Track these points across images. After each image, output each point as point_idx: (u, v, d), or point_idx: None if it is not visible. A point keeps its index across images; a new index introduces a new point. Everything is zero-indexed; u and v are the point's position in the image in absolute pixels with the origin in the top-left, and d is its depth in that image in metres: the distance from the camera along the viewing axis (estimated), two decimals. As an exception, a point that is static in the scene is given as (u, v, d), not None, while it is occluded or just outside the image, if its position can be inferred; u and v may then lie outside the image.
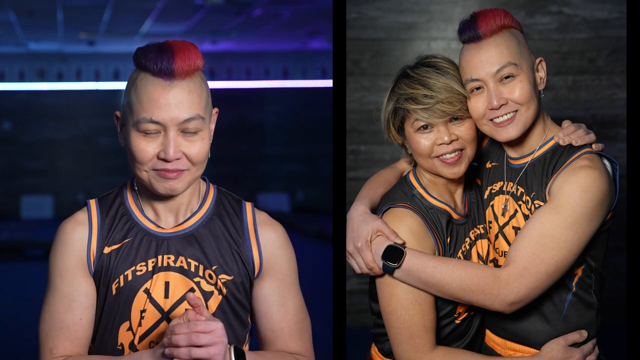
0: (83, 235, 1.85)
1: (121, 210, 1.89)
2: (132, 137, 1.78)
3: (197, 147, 1.78)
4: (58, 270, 1.84)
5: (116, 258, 1.84)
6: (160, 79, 1.75)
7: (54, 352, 1.81)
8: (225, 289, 1.86)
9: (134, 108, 1.77)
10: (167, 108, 1.74)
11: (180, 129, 1.76)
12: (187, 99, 1.76)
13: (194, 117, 1.76)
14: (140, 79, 1.78)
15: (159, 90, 1.75)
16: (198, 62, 1.77)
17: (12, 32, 10.74)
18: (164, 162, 1.76)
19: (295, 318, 1.93)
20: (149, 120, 1.75)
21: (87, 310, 1.83)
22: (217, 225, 1.89)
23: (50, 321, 1.82)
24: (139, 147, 1.77)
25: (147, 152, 1.77)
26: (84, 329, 1.83)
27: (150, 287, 1.83)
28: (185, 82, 1.76)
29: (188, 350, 1.66)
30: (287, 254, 1.93)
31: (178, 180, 1.79)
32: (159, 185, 1.79)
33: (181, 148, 1.76)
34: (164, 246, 1.85)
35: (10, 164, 13.47)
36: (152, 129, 1.75)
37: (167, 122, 1.75)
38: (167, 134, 1.75)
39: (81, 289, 1.83)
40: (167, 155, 1.75)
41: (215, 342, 1.68)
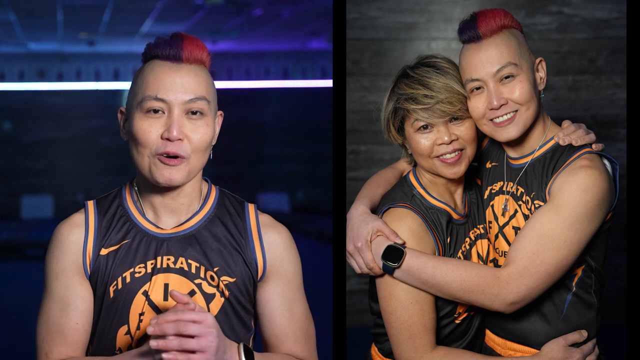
0: (79, 237, 1.82)
1: (120, 212, 1.86)
2: (136, 120, 1.77)
3: (201, 132, 1.77)
4: (54, 274, 1.81)
5: (114, 260, 1.81)
6: (168, 62, 1.78)
7: (50, 356, 1.79)
8: (227, 291, 1.82)
9: (139, 90, 1.78)
10: (173, 87, 1.75)
11: (185, 110, 1.76)
12: (193, 81, 1.77)
13: (199, 98, 1.77)
14: (148, 64, 1.80)
15: (166, 71, 1.77)
16: (204, 55, 1.80)
17: (12, 32, 10.74)
18: (166, 143, 1.74)
19: (300, 323, 1.89)
20: (154, 97, 1.75)
21: (83, 314, 1.80)
22: (219, 226, 1.86)
23: (46, 325, 1.80)
24: (142, 128, 1.76)
25: (150, 133, 1.75)
26: (80, 333, 1.80)
27: (149, 289, 1.79)
28: (193, 67, 1.79)
29: (179, 341, 1.61)
30: (292, 256, 1.90)
31: (177, 170, 1.76)
32: (159, 174, 1.75)
33: (184, 130, 1.76)
34: (164, 247, 1.82)
35: (10, 164, 13.48)
36: (156, 106, 1.75)
37: (172, 100, 1.75)
38: (172, 114, 1.75)
39: (77, 292, 1.80)
40: (170, 134, 1.73)
41: (205, 333, 1.63)
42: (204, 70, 1.81)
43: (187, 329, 1.62)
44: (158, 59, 1.79)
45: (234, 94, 13.55)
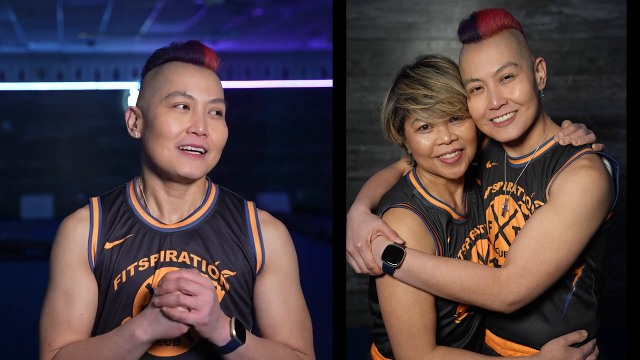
0: (84, 231, 1.87)
1: (123, 207, 1.91)
2: (160, 114, 1.84)
3: (220, 131, 1.87)
4: (59, 266, 1.86)
5: (118, 254, 1.86)
6: (191, 64, 1.88)
7: (52, 345, 1.83)
8: (228, 284, 1.88)
9: (163, 87, 1.86)
10: (199, 87, 1.85)
11: (208, 109, 1.86)
12: (214, 84, 1.88)
13: (220, 99, 1.88)
14: (168, 65, 1.89)
15: (191, 71, 1.87)
16: (218, 63, 1.92)
17: (12, 32, 10.75)
18: (192, 137, 1.83)
19: (295, 316, 1.93)
20: (182, 93, 1.84)
21: (88, 305, 1.85)
22: (220, 222, 1.92)
23: (50, 316, 1.84)
24: (167, 121, 1.83)
25: (175, 126, 1.83)
26: (85, 324, 1.85)
27: (152, 282, 1.84)
28: (212, 72, 1.90)
29: (176, 297, 1.69)
30: (289, 252, 1.95)
31: (198, 164, 1.84)
32: (181, 166, 1.83)
33: (208, 127, 1.85)
34: (167, 242, 1.88)
35: (10, 164, 13.48)
36: (184, 102, 1.84)
37: (198, 98, 1.85)
38: (197, 110, 1.84)
39: (82, 284, 1.85)
40: (197, 129, 1.82)
41: (203, 292, 1.70)
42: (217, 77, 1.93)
43: (187, 285, 1.70)
44: (180, 61, 1.88)
45: (234, 94, 13.55)
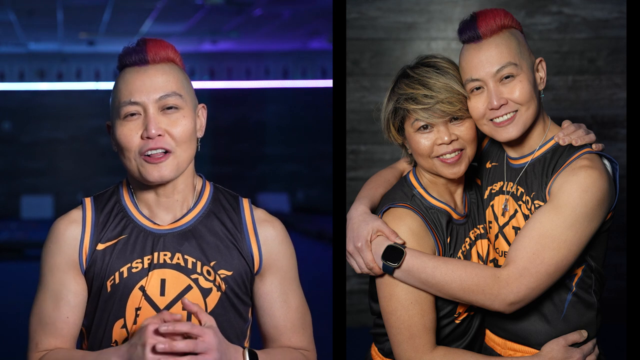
0: (76, 233, 1.87)
1: (117, 208, 1.90)
2: (117, 128, 1.84)
3: (180, 125, 1.83)
4: (49, 268, 1.86)
5: (111, 255, 1.85)
6: (135, 67, 1.84)
7: (39, 346, 1.84)
8: (224, 284, 1.86)
9: (115, 99, 1.85)
10: (143, 88, 1.82)
11: (159, 107, 1.82)
12: (161, 79, 1.84)
13: (169, 94, 1.83)
14: (120, 74, 1.87)
15: (134, 75, 1.84)
16: (170, 52, 1.86)
17: (12, 32, 10.74)
18: (147, 142, 1.80)
19: (297, 314, 1.94)
20: (128, 102, 1.82)
21: (74, 308, 1.85)
22: (214, 221, 1.90)
23: (38, 317, 1.86)
24: (122, 133, 1.83)
25: (131, 136, 1.82)
26: (70, 326, 1.85)
27: (145, 284, 1.83)
28: (160, 66, 1.85)
29: (185, 344, 1.67)
30: (287, 250, 1.94)
31: (165, 165, 1.81)
32: (148, 173, 1.81)
33: (162, 125, 1.81)
34: (160, 243, 1.86)
35: (10, 164, 13.47)
36: (132, 110, 1.82)
37: (145, 101, 1.81)
38: (147, 113, 1.81)
39: (70, 287, 1.85)
40: (148, 132, 1.79)
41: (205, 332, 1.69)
42: (174, 68, 1.87)
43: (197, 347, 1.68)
44: (127, 67, 1.86)
45: (234, 94, 13.55)
